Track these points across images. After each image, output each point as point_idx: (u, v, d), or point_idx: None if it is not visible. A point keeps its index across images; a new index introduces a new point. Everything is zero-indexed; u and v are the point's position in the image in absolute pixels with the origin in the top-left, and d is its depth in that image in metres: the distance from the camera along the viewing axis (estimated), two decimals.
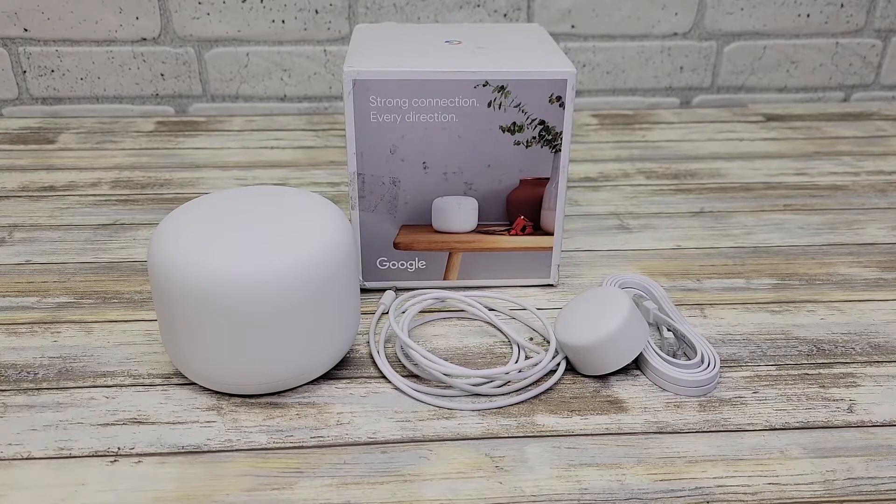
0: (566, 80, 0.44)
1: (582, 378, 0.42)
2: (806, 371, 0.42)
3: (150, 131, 0.77)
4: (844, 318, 0.47)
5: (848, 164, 0.70)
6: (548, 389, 0.41)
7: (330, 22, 0.79)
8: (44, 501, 0.33)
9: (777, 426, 0.38)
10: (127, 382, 0.41)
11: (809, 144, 0.75)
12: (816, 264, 0.53)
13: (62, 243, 0.55)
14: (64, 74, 0.79)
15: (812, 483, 0.35)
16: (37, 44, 0.78)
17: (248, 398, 0.40)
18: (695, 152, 0.73)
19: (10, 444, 0.37)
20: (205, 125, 0.79)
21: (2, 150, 0.72)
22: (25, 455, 0.36)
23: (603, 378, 0.42)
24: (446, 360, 0.40)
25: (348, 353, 0.43)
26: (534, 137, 0.45)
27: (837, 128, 0.79)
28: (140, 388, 0.41)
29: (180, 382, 0.41)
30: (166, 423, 0.38)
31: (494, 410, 0.39)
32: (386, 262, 0.48)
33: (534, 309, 0.45)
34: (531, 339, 0.45)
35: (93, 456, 0.36)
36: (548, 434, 0.37)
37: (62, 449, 0.36)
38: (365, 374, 0.42)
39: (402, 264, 0.48)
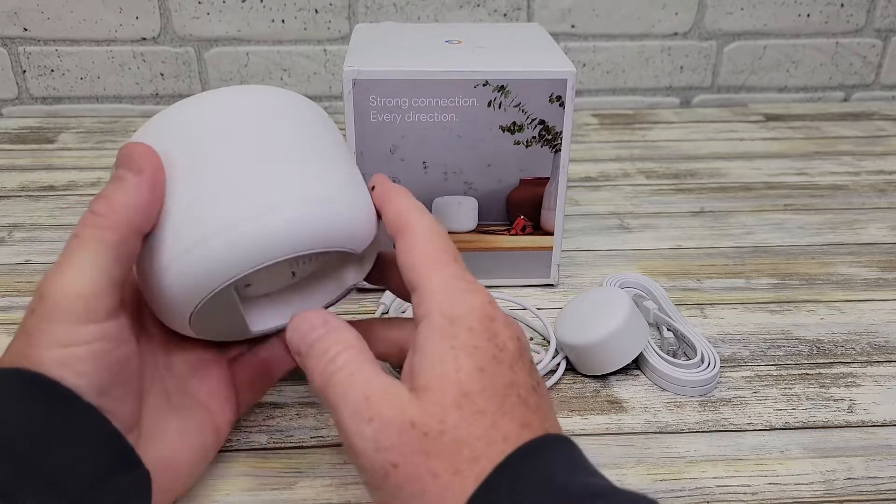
0: (566, 79, 0.44)
1: (582, 378, 0.42)
2: (806, 371, 0.42)
3: None
4: (845, 317, 0.47)
5: (848, 164, 0.70)
6: (548, 389, 0.41)
7: (330, 21, 0.79)
8: None
9: (777, 426, 0.38)
10: None
11: (810, 144, 0.75)
12: (817, 264, 0.53)
13: (62, 243, 0.55)
14: (63, 74, 0.79)
15: (812, 483, 0.35)
16: (36, 43, 0.78)
17: None
18: (695, 152, 0.73)
19: None
20: None
21: (1, 149, 0.72)
22: None
23: (603, 378, 0.42)
24: None
25: None
26: (534, 137, 0.45)
27: (838, 127, 0.79)
28: None
29: None
30: None
31: None
32: None
33: (534, 309, 0.45)
34: (531, 338, 0.45)
35: None
36: None
37: None
38: None
39: None
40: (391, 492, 0.25)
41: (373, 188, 0.33)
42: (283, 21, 0.78)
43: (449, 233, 0.47)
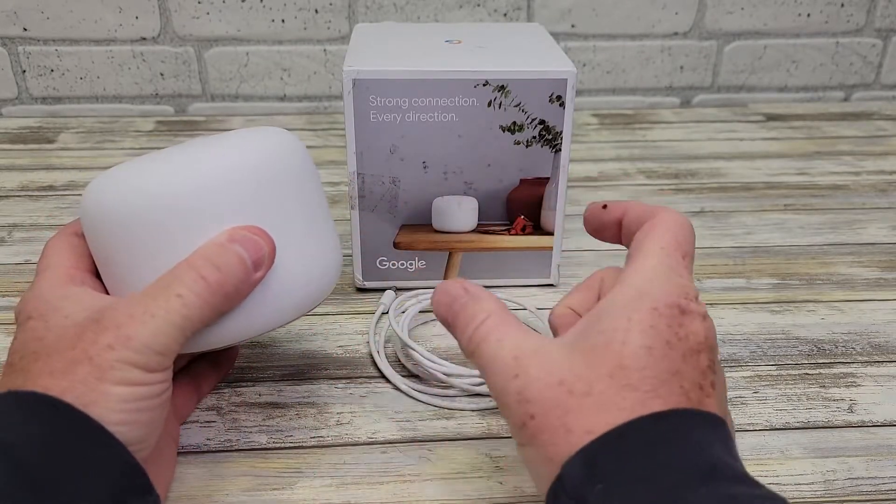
0: (566, 79, 0.44)
1: None
2: (806, 371, 0.42)
3: (150, 131, 0.77)
4: (845, 317, 0.47)
5: (848, 164, 0.70)
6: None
7: (330, 21, 0.78)
8: None
9: (777, 426, 0.38)
10: None
11: (810, 144, 0.75)
12: (817, 264, 0.53)
13: None
14: (63, 74, 0.79)
15: (812, 483, 0.35)
16: (36, 43, 0.77)
17: (247, 399, 0.40)
18: (695, 152, 0.73)
19: None
20: (204, 125, 0.79)
21: (1, 149, 0.72)
22: None
23: None
24: (446, 360, 0.40)
25: (348, 353, 0.43)
26: (534, 137, 0.45)
27: (838, 127, 0.79)
28: None
29: None
30: None
31: (495, 410, 0.39)
32: (386, 261, 0.48)
33: (534, 309, 0.45)
34: None
35: None
36: None
37: None
38: (365, 374, 0.42)
39: (402, 264, 0.48)
40: (526, 440, 0.26)
41: (604, 206, 0.32)
42: (282, 21, 0.78)
43: (449, 233, 0.47)
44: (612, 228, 0.32)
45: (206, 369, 0.39)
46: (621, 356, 0.25)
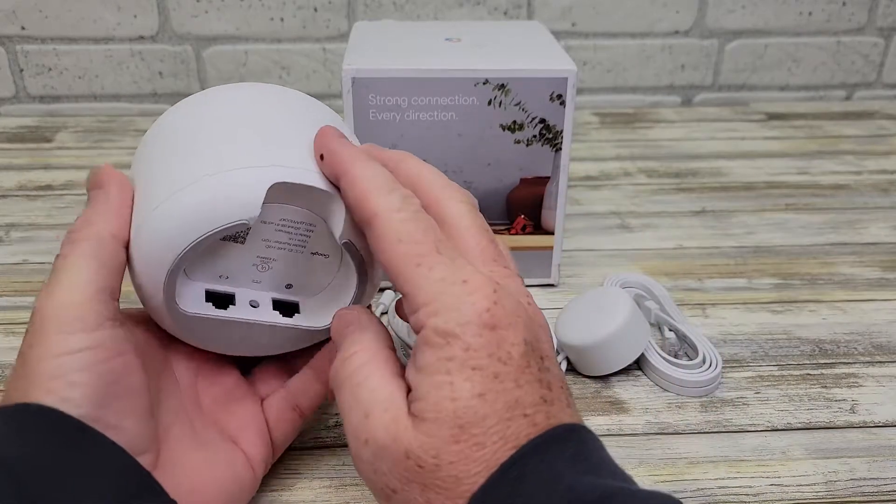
0: (567, 78, 0.44)
1: (583, 378, 0.42)
2: (808, 371, 0.42)
3: None
4: (847, 317, 0.47)
5: (850, 164, 0.70)
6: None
7: (329, 20, 0.78)
8: None
9: (779, 427, 0.38)
10: None
11: (811, 143, 0.75)
12: (818, 264, 0.53)
13: (59, 243, 0.55)
14: (62, 73, 0.79)
15: (814, 484, 0.35)
16: (34, 42, 0.77)
17: None
18: (696, 151, 0.73)
19: None
20: None
21: None
22: None
23: (604, 378, 0.41)
24: None
25: None
26: (534, 136, 0.45)
27: (839, 126, 0.79)
28: None
29: None
30: None
31: None
32: None
33: None
34: None
35: None
36: None
37: None
38: None
39: None
40: None
41: (321, 157, 0.29)
42: (282, 19, 0.78)
43: None
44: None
45: (309, 380, 0.34)
46: (456, 415, 0.23)
